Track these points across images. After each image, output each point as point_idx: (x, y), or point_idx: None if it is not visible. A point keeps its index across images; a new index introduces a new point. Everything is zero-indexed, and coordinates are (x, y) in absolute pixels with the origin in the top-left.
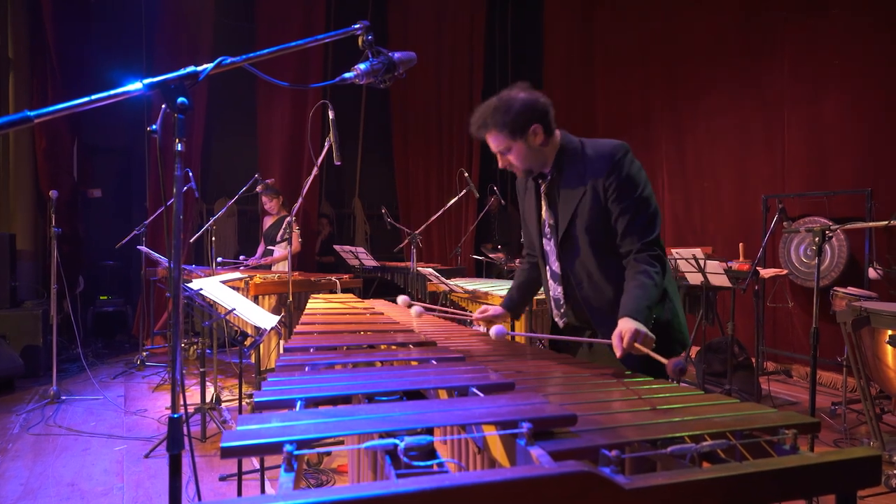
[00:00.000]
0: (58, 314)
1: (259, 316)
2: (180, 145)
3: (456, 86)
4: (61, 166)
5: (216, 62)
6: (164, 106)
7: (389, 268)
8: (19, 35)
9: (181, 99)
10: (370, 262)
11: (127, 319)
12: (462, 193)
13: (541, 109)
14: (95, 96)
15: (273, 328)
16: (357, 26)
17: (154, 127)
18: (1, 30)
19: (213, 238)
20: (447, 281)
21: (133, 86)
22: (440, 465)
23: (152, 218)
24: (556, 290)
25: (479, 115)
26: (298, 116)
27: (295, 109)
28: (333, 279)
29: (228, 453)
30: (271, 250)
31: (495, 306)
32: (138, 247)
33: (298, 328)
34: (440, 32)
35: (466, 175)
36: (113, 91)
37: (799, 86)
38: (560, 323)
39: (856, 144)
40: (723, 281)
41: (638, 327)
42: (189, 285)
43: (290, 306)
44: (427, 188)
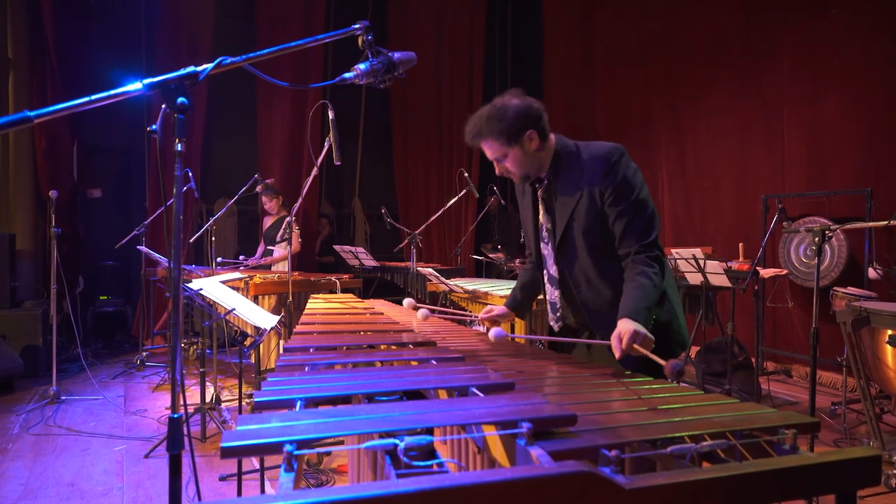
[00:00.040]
0: (57, 314)
1: (259, 316)
2: (180, 145)
3: (456, 86)
4: (61, 166)
5: (216, 62)
6: (164, 106)
7: (389, 268)
8: (19, 35)
9: (181, 99)
10: (370, 262)
11: (127, 319)
12: (462, 193)
13: (534, 115)
14: (95, 96)
15: (273, 328)
16: (357, 26)
17: (154, 127)
18: (0, 30)
19: (213, 238)
20: (447, 281)
21: (133, 86)
22: (440, 465)
23: (152, 218)
24: (553, 294)
25: (474, 125)
26: (298, 116)
27: (295, 109)
28: (333, 279)
29: (228, 453)
30: (271, 250)
31: (500, 307)
32: (138, 247)
33: (298, 328)
34: (440, 32)
35: (466, 175)
36: (113, 91)
37: (799, 86)
38: (555, 326)
39: (856, 144)
40: (723, 281)
41: (637, 328)
42: (189, 285)
43: (290, 306)
44: (427, 188)
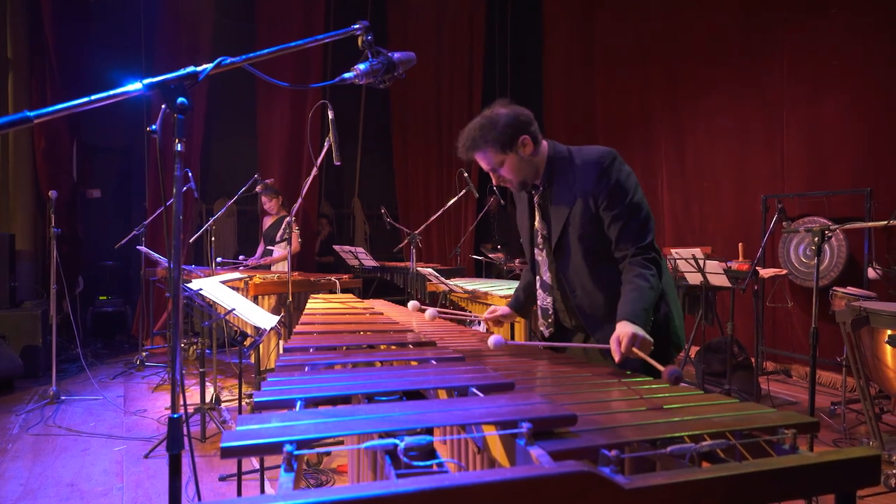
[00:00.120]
0: (57, 314)
1: (259, 316)
2: (180, 145)
3: (456, 86)
4: (61, 166)
5: (216, 62)
6: (164, 106)
7: (389, 268)
8: (18, 35)
9: (181, 99)
10: (370, 263)
11: (126, 320)
12: (461, 193)
13: (525, 120)
14: (95, 96)
15: (273, 328)
16: (357, 26)
17: (154, 127)
18: (0, 30)
19: (213, 238)
20: (447, 281)
21: (133, 86)
22: (440, 465)
23: (152, 218)
24: (546, 301)
25: (467, 136)
26: (298, 116)
27: (294, 110)
28: (333, 279)
29: (228, 453)
30: (271, 250)
31: (503, 307)
32: (138, 247)
33: (298, 328)
34: (440, 32)
35: (466, 175)
36: (113, 91)
37: (799, 86)
38: (546, 332)
39: (855, 144)
40: (722, 281)
41: (636, 331)
42: (189, 285)
43: (290, 306)
44: (427, 188)
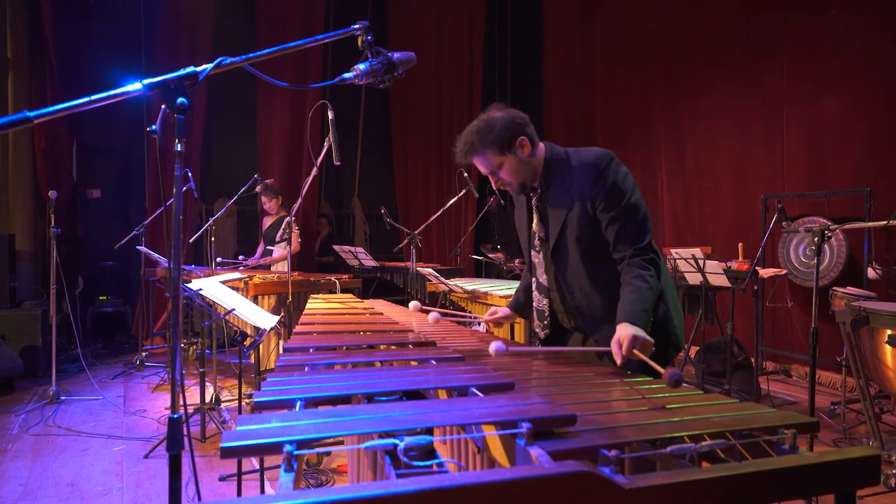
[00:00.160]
0: (57, 314)
1: (258, 316)
2: (180, 145)
3: (455, 86)
4: (61, 166)
5: (216, 62)
6: (164, 106)
7: (389, 268)
8: (18, 35)
9: (181, 99)
10: (369, 263)
11: (126, 320)
12: (461, 193)
13: (521, 122)
14: (95, 97)
15: (272, 328)
16: (356, 26)
17: (154, 127)
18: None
19: (213, 238)
20: (447, 281)
21: (133, 86)
22: (440, 465)
23: (151, 218)
24: (542, 303)
25: (465, 141)
26: (298, 116)
27: (294, 110)
28: (333, 279)
29: (228, 453)
30: (270, 250)
31: (503, 308)
32: (137, 247)
33: (298, 328)
34: (440, 32)
35: (466, 175)
36: (112, 91)
37: (798, 86)
38: (541, 334)
39: (855, 144)
40: (722, 281)
41: (636, 333)
42: (188, 285)
43: (290, 306)
44: (426, 188)
